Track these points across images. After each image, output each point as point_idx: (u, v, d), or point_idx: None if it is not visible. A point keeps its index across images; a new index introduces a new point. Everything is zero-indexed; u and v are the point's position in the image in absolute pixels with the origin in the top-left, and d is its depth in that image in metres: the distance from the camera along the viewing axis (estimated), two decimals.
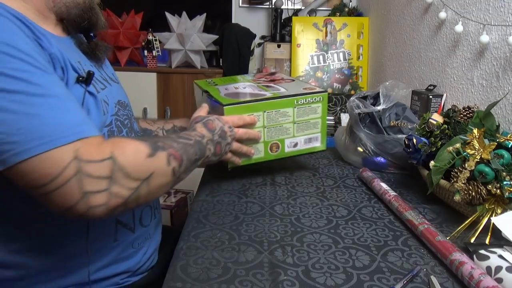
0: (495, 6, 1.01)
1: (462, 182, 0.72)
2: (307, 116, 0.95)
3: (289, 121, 0.93)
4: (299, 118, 0.94)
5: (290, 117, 0.93)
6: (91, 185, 0.55)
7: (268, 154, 0.94)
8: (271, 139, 0.93)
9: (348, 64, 2.06)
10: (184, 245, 0.68)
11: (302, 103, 0.93)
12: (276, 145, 0.94)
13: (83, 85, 0.67)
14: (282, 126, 0.93)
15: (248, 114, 0.88)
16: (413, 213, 0.75)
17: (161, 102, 2.25)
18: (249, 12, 2.46)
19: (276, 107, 0.91)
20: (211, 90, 0.97)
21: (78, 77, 0.66)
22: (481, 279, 0.55)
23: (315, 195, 0.91)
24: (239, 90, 0.98)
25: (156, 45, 2.17)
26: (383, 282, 0.59)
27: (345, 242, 0.71)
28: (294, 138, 0.95)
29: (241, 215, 0.80)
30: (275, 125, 0.92)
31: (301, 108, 0.93)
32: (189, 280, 0.59)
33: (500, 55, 1.00)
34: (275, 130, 0.93)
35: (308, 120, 0.95)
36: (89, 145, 0.56)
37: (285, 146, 0.95)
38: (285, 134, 0.94)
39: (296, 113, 0.93)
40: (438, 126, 0.89)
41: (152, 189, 0.62)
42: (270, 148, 0.94)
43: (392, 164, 1.05)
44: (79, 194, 0.54)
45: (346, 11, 2.13)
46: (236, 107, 0.87)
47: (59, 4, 0.71)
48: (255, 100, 0.90)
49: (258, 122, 0.90)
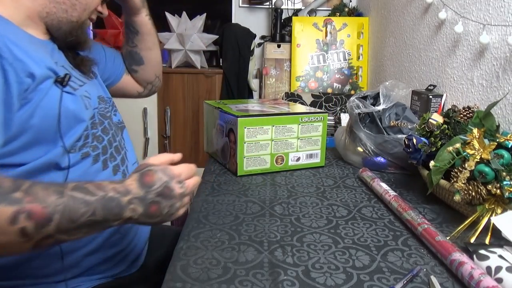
0: (495, 6, 1.01)
1: (462, 182, 0.72)
2: (309, 133, 1.05)
3: (293, 137, 1.03)
4: (302, 135, 1.04)
5: (294, 133, 1.03)
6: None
7: (273, 165, 1.03)
8: (277, 152, 1.02)
9: (348, 64, 2.06)
10: (184, 245, 0.68)
11: (305, 121, 1.03)
12: (281, 158, 1.03)
13: (59, 86, 0.69)
14: (287, 140, 1.02)
15: (258, 127, 0.98)
16: (413, 213, 0.75)
17: (161, 102, 2.26)
18: (249, 12, 2.46)
19: (283, 123, 1.00)
20: (223, 107, 1.05)
21: (56, 78, 0.69)
22: (481, 279, 0.55)
23: (315, 195, 0.91)
24: (248, 107, 1.08)
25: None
26: (383, 282, 0.59)
27: (345, 242, 0.71)
28: (297, 153, 1.05)
29: (241, 215, 0.80)
30: (281, 139, 1.02)
31: (305, 126, 1.03)
32: (189, 280, 0.59)
33: (500, 55, 1.00)
34: (281, 144, 1.02)
35: (310, 137, 1.05)
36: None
37: (289, 159, 1.04)
38: (289, 148, 1.03)
39: (300, 130, 1.03)
40: (438, 126, 0.89)
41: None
42: (275, 160, 1.03)
43: (392, 164, 1.05)
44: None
45: (346, 11, 2.13)
46: (249, 120, 0.96)
47: (52, 17, 0.74)
48: (265, 114, 0.99)
49: (266, 135, 0.99)
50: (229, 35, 2.21)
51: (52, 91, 0.68)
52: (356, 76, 2.06)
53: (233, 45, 2.21)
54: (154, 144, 2.24)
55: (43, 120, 0.66)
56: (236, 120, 0.95)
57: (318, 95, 1.92)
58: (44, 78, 0.66)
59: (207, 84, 2.27)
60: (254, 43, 2.28)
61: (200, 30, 2.24)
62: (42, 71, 0.66)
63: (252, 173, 1.01)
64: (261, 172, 1.02)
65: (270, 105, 1.14)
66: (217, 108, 1.06)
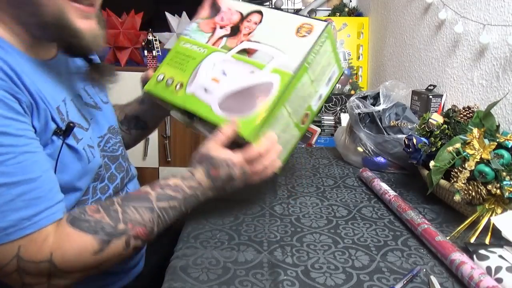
0: (495, 6, 1.01)
1: (462, 182, 0.72)
2: (321, 65, 0.76)
3: (308, 85, 0.76)
4: (315, 74, 0.76)
5: (308, 82, 0.75)
6: (31, 279, 0.55)
7: (301, 128, 0.81)
8: (299, 116, 0.78)
9: (348, 64, 2.06)
10: (184, 246, 0.68)
11: (312, 59, 0.72)
12: (305, 115, 0.80)
13: (60, 137, 0.62)
14: (304, 96, 0.76)
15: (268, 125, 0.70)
16: (413, 213, 0.75)
17: None
18: None
19: (292, 89, 0.71)
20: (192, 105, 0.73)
21: (56, 129, 0.62)
22: (481, 279, 0.55)
23: (315, 195, 0.91)
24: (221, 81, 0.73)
25: (156, 45, 2.18)
26: (383, 282, 0.59)
27: (345, 242, 0.70)
28: (317, 93, 0.80)
29: (241, 215, 0.80)
30: (299, 102, 0.76)
31: (313, 63, 0.74)
32: (189, 280, 0.59)
33: (500, 55, 1.00)
34: (300, 105, 0.77)
35: (323, 66, 0.77)
36: (31, 244, 0.54)
37: (312, 106, 0.80)
38: (309, 99, 0.79)
39: (311, 73, 0.74)
40: (438, 126, 0.89)
41: (103, 269, 0.61)
42: (302, 121, 0.80)
43: (392, 164, 1.05)
44: (20, 284, 0.56)
45: (346, 11, 2.13)
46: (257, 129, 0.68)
47: (32, 27, 0.61)
48: (272, 104, 0.68)
49: (283, 117, 0.73)
50: None
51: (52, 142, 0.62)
52: (356, 76, 2.06)
53: None
54: (154, 144, 2.24)
55: None
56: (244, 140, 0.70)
57: None
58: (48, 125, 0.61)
59: None
60: None
61: None
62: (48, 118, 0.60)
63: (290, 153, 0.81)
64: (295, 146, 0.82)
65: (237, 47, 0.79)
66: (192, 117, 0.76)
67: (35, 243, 0.54)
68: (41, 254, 0.55)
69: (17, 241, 0.53)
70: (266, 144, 0.69)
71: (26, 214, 0.53)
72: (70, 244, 0.56)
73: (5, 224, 0.52)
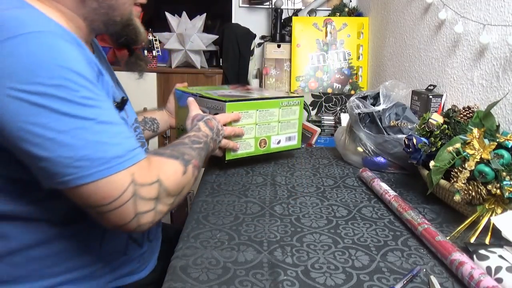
0: (495, 6, 1.01)
1: (462, 182, 0.72)
2: (288, 117, 1.08)
3: (275, 120, 1.06)
4: (282, 118, 1.07)
5: (276, 117, 1.06)
6: (143, 206, 0.60)
7: (257, 149, 1.06)
8: (260, 135, 1.04)
9: (348, 64, 2.06)
10: (184, 246, 0.68)
11: (285, 105, 1.07)
12: (264, 141, 1.06)
13: (117, 110, 0.69)
14: (269, 124, 1.05)
15: (243, 111, 0.99)
16: (413, 213, 0.75)
17: (161, 102, 2.25)
18: (249, 12, 2.46)
19: (266, 107, 1.03)
20: (203, 94, 1.04)
21: (113, 101, 0.70)
22: (481, 279, 0.55)
23: (315, 195, 0.91)
24: (226, 93, 1.07)
25: (156, 45, 2.18)
26: (383, 282, 0.59)
27: (345, 242, 0.70)
28: (278, 136, 1.08)
29: (241, 215, 0.80)
30: (264, 123, 1.04)
31: (284, 110, 1.07)
32: (189, 280, 0.59)
33: (500, 55, 1.00)
34: (264, 127, 1.05)
35: (289, 120, 1.09)
36: (142, 169, 0.60)
37: (271, 142, 1.07)
38: (271, 131, 1.06)
39: (280, 114, 1.06)
40: (438, 126, 0.89)
41: (181, 199, 0.69)
42: (259, 143, 1.05)
43: (392, 164, 1.04)
44: (133, 214, 0.59)
45: (346, 11, 2.13)
46: (236, 104, 0.97)
47: (97, 22, 0.71)
48: (251, 98, 1.01)
49: (251, 119, 1.01)
50: (229, 35, 2.21)
51: None
52: (356, 76, 2.06)
53: (233, 45, 2.20)
54: (154, 144, 2.24)
55: None
56: (224, 105, 0.96)
57: (318, 95, 1.92)
58: None
59: (207, 84, 2.27)
60: (254, 43, 2.28)
61: (200, 30, 2.24)
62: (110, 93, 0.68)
63: (238, 157, 1.02)
64: (246, 156, 1.03)
65: (244, 90, 1.15)
66: (196, 95, 1.03)
67: (144, 168, 0.61)
68: (151, 177, 0.61)
69: (130, 168, 0.59)
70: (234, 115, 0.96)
71: (130, 146, 0.60)
72: (167, 167, 0.66)
73: (121, 151, 0.58)
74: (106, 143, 0.57)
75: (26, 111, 0.52)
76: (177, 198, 0.67)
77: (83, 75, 0.57)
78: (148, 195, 0.60)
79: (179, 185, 0.67)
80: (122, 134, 0.60)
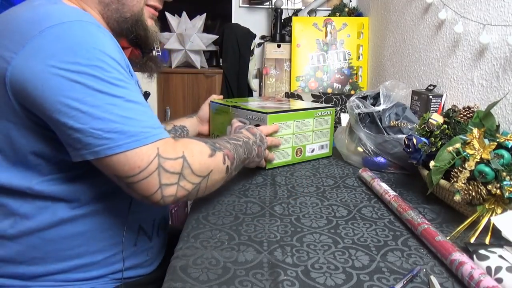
0: (495, 6, 1.01)
1: (462, 182, 0.72)
2: (321, 127, 1.15)
3: (309, 130, 1.12)
4: (316, 128, 1.13)
5: (310, 127, 1.12)
6: (166, 178, 0.64)
7: (294, 157, 1.11)
8: (297, 144, 1.10)
9: (348, 64, 2.06)
10: (184, 246, 0.68)
11: (319, 115, 1.13)
12: (300, 150, 1.12)
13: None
14: (305, 134, 1.11)
15: (282, 122, 1.05)
16: (413, 213, 0.75)
17: (161, 102, 2.26)
18: (249, 12, 2.46)
19: (302, 117, 1.09)
20: (240, 106, 1.11)
21: None
22: (481, 279, 0.55)
23: (315, 195, 0.91)
24: (262, 105, 1.14)
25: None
26: (383, 282, 0.59)
27: (345, 242, 0.70)
28: (312, 145, 1.14)
29: (241, 215, 0.80)
30: (301, 133, 1.10)
31: (318, 120, 1.13)
32: (189, 280, 0.59)
33: (500, 55, 1.00)
34: (300, 137, 1.11)
35: (322, 129, 1.15)
36: (167, 145, 0.65)
37: (306, 151, 1.13)
38: (306, 141, 1.12)
39: (315, 124, 1.13)
40: (438, 126, 0.89)
41: (209, 184, 0.72)
42: (296, 152, 1.11)
43: (392, 164, 1.04)
44: (158, 185, 0.64)
45: (346, 11, 2.13)
46: (276, 116, 1.04)
47: (112, 21, 0.77)
48: (289, 110, 1.08)
49: (289, 129, 1.07)
50: (229, 35, 2.21)
51: None
52: (356, 76, 2.06)
53: (233, 45, 2.21)
54: None
55: None
56: (266, 116, 1.02)
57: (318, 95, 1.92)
58: None
59: (207, 84, 2.27)
60: (254, 43, 2.28)
61: (200, 30, 2.24)
62: None
63: (277, 166, 1.08)
64: (284, 165, 1.09)
65: (276, 102, 1.21)
66: (234, 106, 1.12)
67: (170, 144, 0.65)
68: (176, 152, 0.65)
69: (156, 142, 0.63)
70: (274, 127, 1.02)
71: (155, 124, 0.65)
72: (193, 145, 0.70)
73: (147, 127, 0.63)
74: (133, 118, 0.62)
75: (65, 86, 0.59)
76: (203, 180, 0.69)
77: (116, 59, 0.63)
78: (171, 169, 0.64)
79: (204, 165, 0.69)
80: (147, 113, 0.65)
